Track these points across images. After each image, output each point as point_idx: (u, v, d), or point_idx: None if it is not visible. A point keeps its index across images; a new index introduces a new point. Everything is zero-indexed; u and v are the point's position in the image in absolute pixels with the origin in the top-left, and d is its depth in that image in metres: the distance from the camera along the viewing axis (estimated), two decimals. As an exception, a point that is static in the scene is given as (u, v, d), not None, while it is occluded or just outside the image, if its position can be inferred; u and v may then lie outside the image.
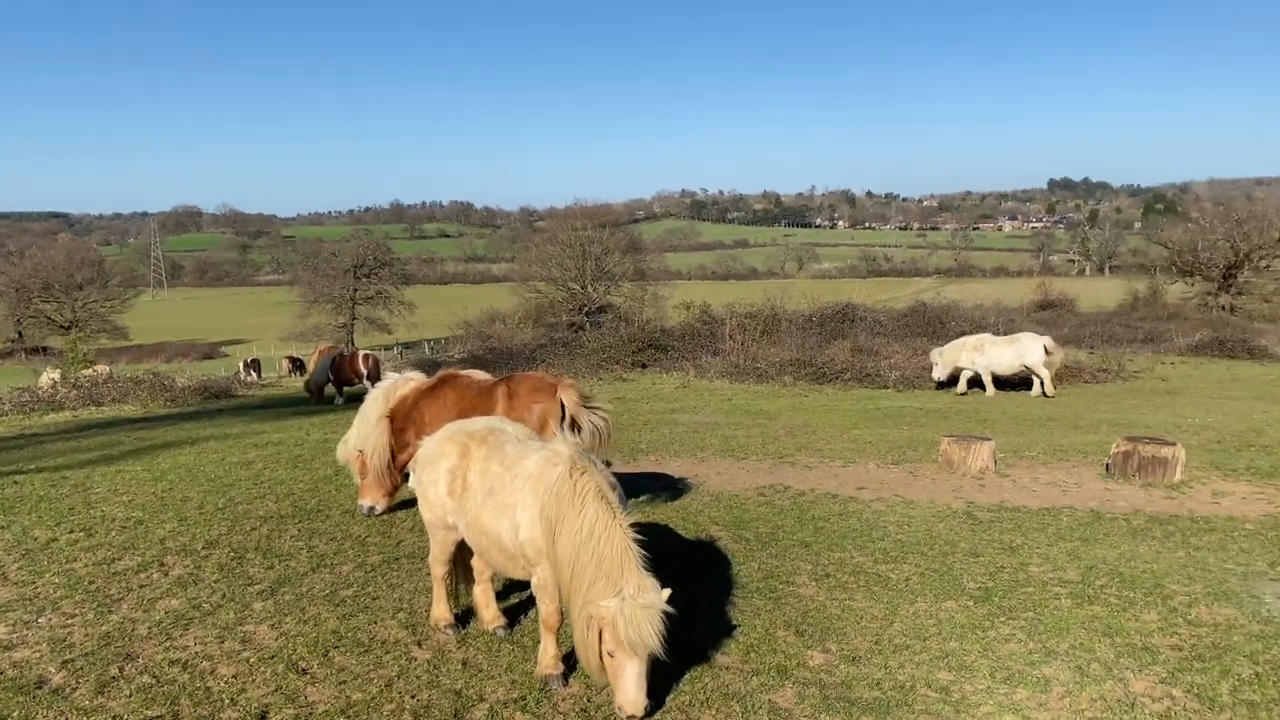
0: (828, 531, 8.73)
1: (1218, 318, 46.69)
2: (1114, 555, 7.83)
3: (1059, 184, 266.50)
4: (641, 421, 16.49)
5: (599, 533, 4.99)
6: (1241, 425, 15.83)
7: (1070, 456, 12.47)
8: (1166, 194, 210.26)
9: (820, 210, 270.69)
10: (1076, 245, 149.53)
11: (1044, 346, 20.41)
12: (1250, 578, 7.19)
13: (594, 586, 4.93)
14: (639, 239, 71.61)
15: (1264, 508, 9.67)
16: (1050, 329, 37.19)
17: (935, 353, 21.70)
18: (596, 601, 4.89)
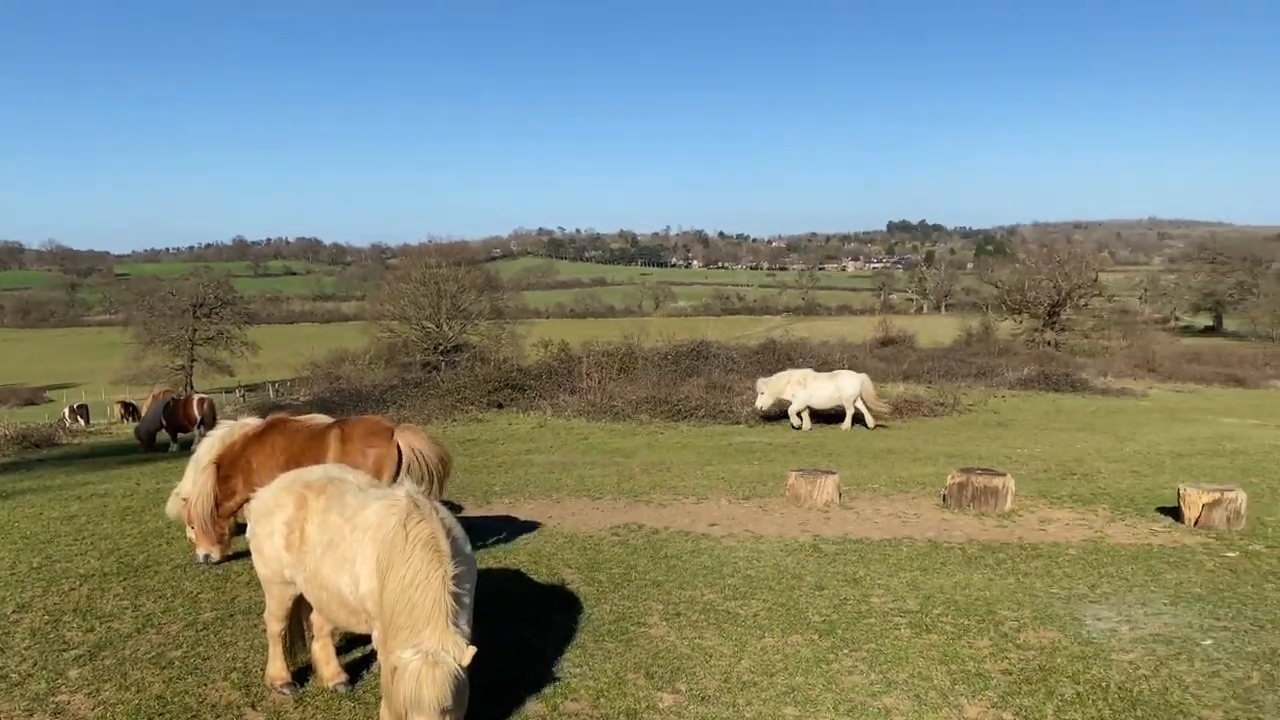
0: (680, 570, 8.77)
1: (1044, 353, 49.81)
2: (950, 584, 8.16)
3: (898, 226, 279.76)
4: (497, 463, 16.28)
5: (419, 582, 4.85)
6: (1066, 455, 16.86)
7: (910, 488, 12.97)
8: (996, 236, 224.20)
9: (675, 250, 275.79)
10: (915, 284, 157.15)
11: (860, 383, 21.59)
12: (1073, 601, 7.61)
13: (399, 636, 4.78)
14: (496, 277, 71.14)
15: (1085, 533, 10.28)
16: (891, 364, 38.91)
17: (761, 383, 22.44)
18: (396, 651, 4.73)
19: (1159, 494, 12.31)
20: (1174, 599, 7.64)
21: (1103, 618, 7.09)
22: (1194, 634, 6.67)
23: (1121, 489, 13.01)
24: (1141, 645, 6.46)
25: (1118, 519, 11.00)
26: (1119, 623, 6.97)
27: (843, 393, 21.43)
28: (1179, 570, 8.63)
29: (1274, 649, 6.33)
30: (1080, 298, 60.58)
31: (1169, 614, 7.19)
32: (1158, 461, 16.21)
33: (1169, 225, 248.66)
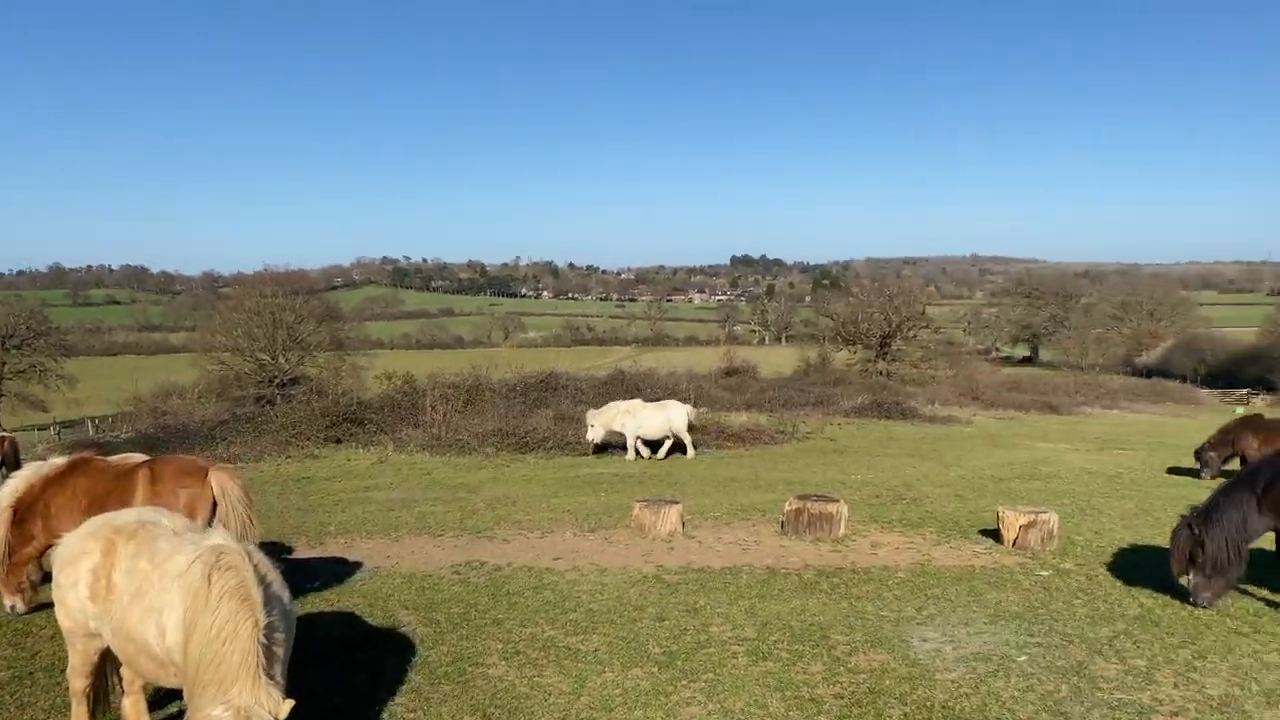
0: (521, 606, 8.63)
1: (876, 382, 51.99)
2: (787, 610, 8.33)
3: (741, 260, 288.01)
4: (332, 501, 15.67)
5: (226, 635, 4.58)
6: (896, 480, 17.58)
7: (751, 516, 13.22)
8: (832, 271, 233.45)
9: (525, 280, 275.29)
10: (757, 316, 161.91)
11: (687, 413, 22.01)
12: (901, 623, 7.88)
13: (206, 693, 4.50)
14: (336, 307, 69.15)
15: (913, 556, 10.71)
16: (735, 394, 39.81)
17: (590, 415, 22.47)
18: (204, 710, 4.45)
19: (981, 516, 12.97)
20: (994, 618, 8.03)
21: (929, 638, 7.38)
22: (1011, 651, 7.01)
23: (947, 512, 13.64)
24: (964, 664, 6.74)
25: (943, 541, 11.52)
26: (943, 643, 7.26)
27: (672, 423, 21.75)
28: (998, 590, 9.08)
29: (1081, 662, 6.72)
30: (909, 330, 63.68)
31: (989, 633, 7.54)
32: (980, 485, 17.12)
33: (989, 262, 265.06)
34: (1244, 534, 8.15)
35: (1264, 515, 8.15)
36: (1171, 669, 6.58)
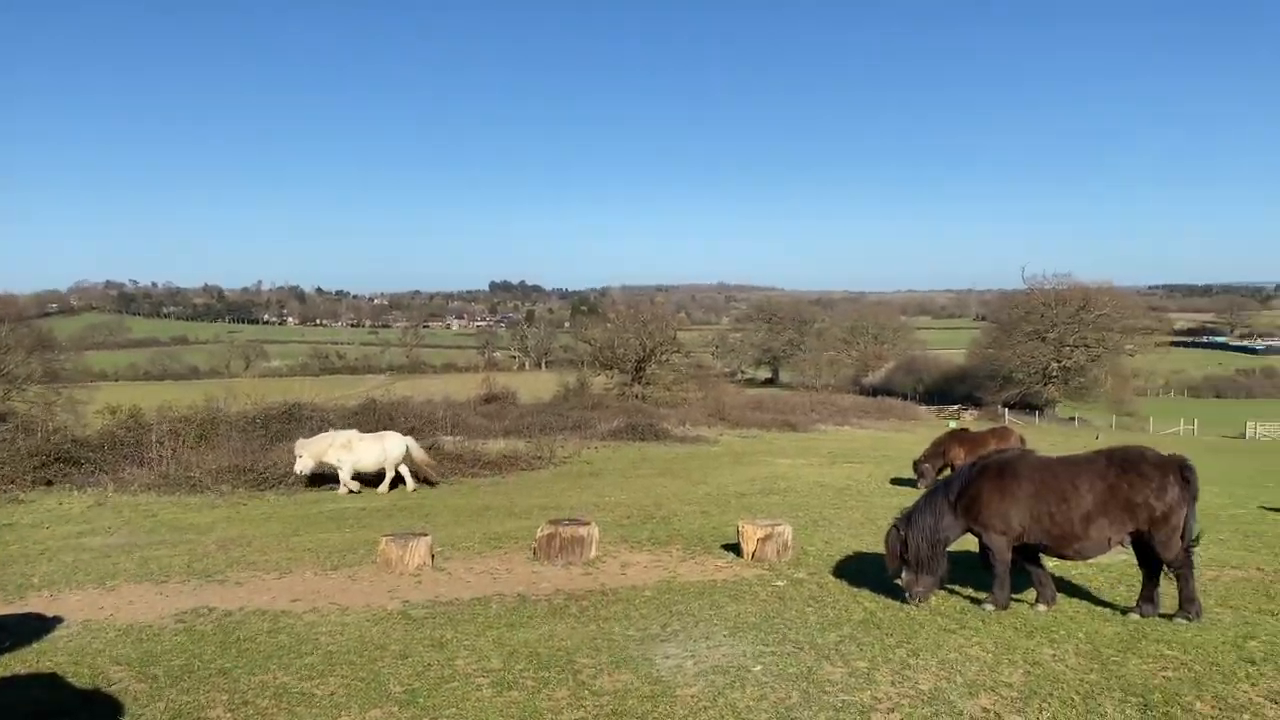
0: (252, 653, 8.07)
1: (632, 405, 53.26)
2: (535, 637, 8.27)
3: (499, 286, 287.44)
4: (38, 551, 14.07)
5: None
6: (647, 500, 18.01)
7: (504, 544, 13.09)
8: (590, 297, 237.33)
9: (269, 306, 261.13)
10: (517, 342, 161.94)
11: (407, 445, 21.42)
12: (646, 641, 8.03)
13: None
14: (50, 335, 62.66)
15: (660, 573, 10.97)
16: (494, 421, 39.48)
17: (299, 445, 21.22)
18: None
19: (724, 531, 13.50)
20: (733, 630, 8.34)
21: (671, 655, 7.55)
22: (747, 662, 7.30)
23: (693, 529, 14.11)
24: (704, 678, 6.94)
25: (689, 558, 11.89)
26: (685, 658, 7.46)
27: (389, 454, 21.05)
28: (738, 602, 9.46)
29: (810, 668, 7.09)
30: (663, 354, 65.76)
31: (728, 645, 7.82)
32: (725, 501, 17.85)
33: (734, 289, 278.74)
34: (939, 535, 8.97)
35: (957, 519, 9.00)
36: (889, 668, 7.08)
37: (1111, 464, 8.61)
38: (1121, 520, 8.47)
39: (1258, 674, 6.78)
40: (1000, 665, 7.10)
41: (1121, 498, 8.42)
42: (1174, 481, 8.41)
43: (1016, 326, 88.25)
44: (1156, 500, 8.33)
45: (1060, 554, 8.92)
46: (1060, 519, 8.55)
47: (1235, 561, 11.88)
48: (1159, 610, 8.65)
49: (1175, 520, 8.37)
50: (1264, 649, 7.45)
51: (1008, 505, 8.71)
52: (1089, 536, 8.55)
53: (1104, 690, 6.46)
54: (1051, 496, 8.60)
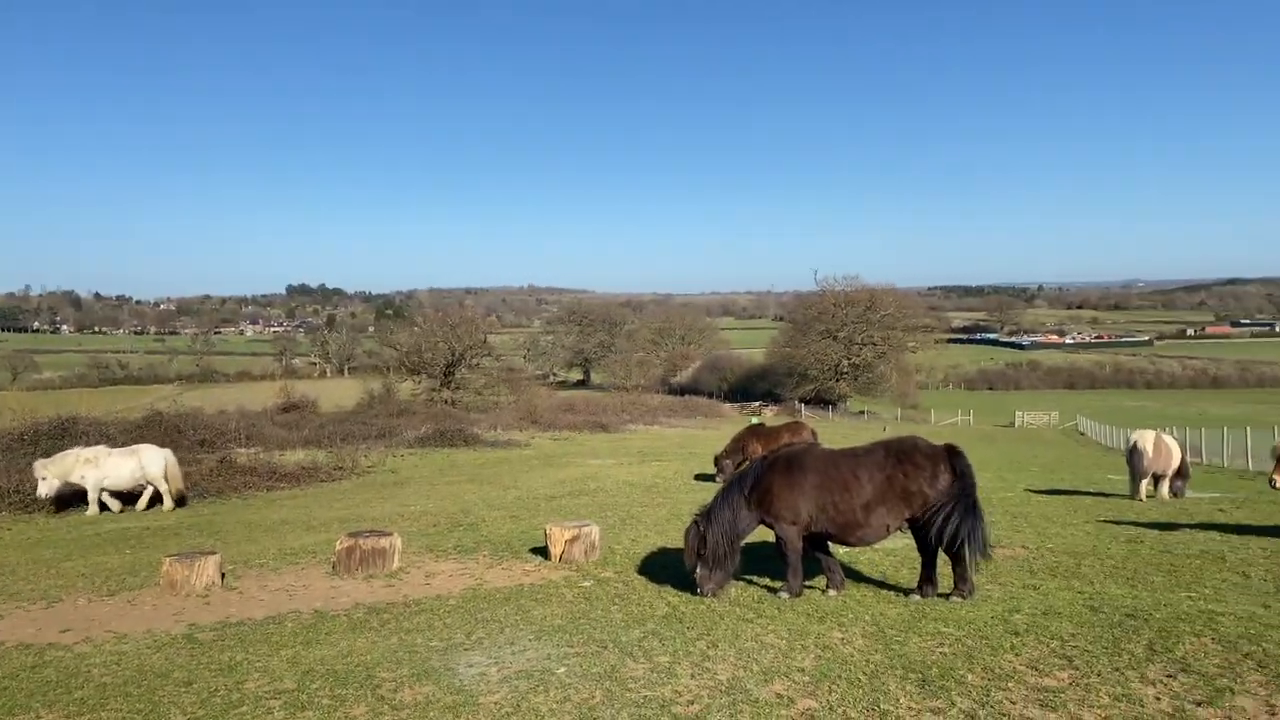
0: (13, 691, 7.36)
1: (441, 410, 52.30)
2: (332, 654, 7.96)
3: (298, 290, 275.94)
4: None
5: None
6: (455, 507, 17.71)
7: (301, 559, 12.54)
8: (395, 300, 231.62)
9: (39, 313, 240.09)
10: (317, 348, 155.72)
11: (165, 460, 20.11)
12: (449, 651, 7.88)
13: None
14: None
15: (466, 581, 10.81)
16: (293, 431, 37.83)
17: (39, 466, 19.39)
18: None
19: (533, 535, 13.45)
20: (539, 633, 8.31)
21: (474, 663, 7.44)
22: (552, 664, 7.29)
23: (501, 534, 13.99)
24: (507, 684, 6.88)
25: (496, 564, 11.78)
26: (489, 665, 7.37)
27: (147, 470, 19.69)
28: (545, 605, 9.44)
29: (614, 666, 7.15)
30: (472, 358, 64.99)
31: (533, 649, 7.79)
32: (534, 505, 17.80)
33: (545, 292, 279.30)
34: (736, 529, 9.30)
35: (752, 512, 9.35)
36: (690, 661, 7.24)
37: (889, 455, 9.16)
38: (899, 508, 9.03)
39: (1020, 644, 7.36)
40: (794, 651, 7.40)
41: (899, 486, 8.98)
42: (945, 469, 9.04)
43: (811, 326, 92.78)
44: (930, 488, 8.93)
45: (844, 541, 9.40)
46: (844, 508, 9.03)
47: (1004, 541, 12.88)
48: (938, 590, 9.27)
49: (948, 506, 8.99)
50: (1027, 621, 8.10)
51: (796, 497, 9.12)
52: (870, 524, 9.06)
53: (888, 669, 6.85)
54: (835, 487, 9.07)
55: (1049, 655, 7.08)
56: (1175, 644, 7.24)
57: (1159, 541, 12.77)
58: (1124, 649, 7.18)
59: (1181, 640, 7.34)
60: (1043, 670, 6.74)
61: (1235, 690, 6.21)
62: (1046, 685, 6.42)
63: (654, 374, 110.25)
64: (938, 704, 6.13)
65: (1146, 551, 11.97)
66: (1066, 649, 7.22)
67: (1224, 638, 7.38)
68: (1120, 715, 5.85)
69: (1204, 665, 6.73)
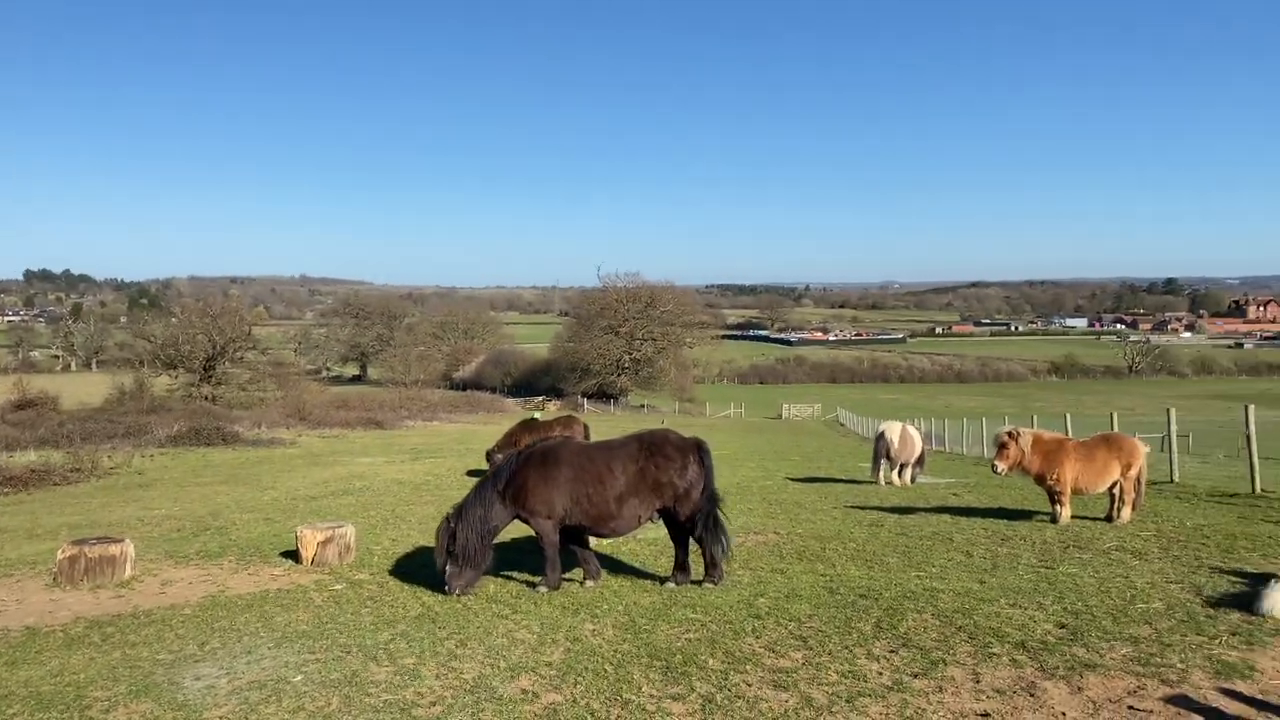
0: None
1: (200, 407, 49.04)
2: (41, 674, 7.21)
3: (38, 275, 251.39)
4: None
5: None
6: (204, 510, 16.59)
7: (16, 571, 11.33)
8: (151, 289, 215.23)
9: None
10: (60, 340, 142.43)
11: None
12: (178, 664, 7.31)
13: None
14: None
15: (207, 589, 10.11)
16: (27, 430, 34.38)
17: None
18: None
19: (286, 538, 12.76)
20: (279, 641, 7.86)
21: (203, 675, 6.94)
22: (289, 673, 6.91)
23: (252, 538, 13.20)
24: (237, 696, 6.45)
25: (242, 569, 11.09)
26: (219, 677, 6.89)
27: None
28: (290, 611, 8.96)
29: (355, 671, 6.87)
30: (236, 351, 61.31)
31: (270, 658, 7.36)
32: (291, 506, 16.95)
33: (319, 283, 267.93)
34: (489, 526, 9.20)
35: (506, 507, 9.28)
36: (436, 661, 7.06)
37: (642, 448, 9.34)
38: (650, 499, 9.22)
39: (761, 627, 7.66)
40: (544, 645, 7.37)
41: (650, 478, 9.16)
42: (694, 461, 9.31)
43: (594, 322, 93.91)
44: (679, 479, 9.18)
45: (598, 533, 9.50)
46: (597, 500, 9.11)
47: (758, 527, 13.45)
48: (690, 578, 9.52)
49: (695, 496, 9.27)
50: (770, 604, 8.45)
51: (551, 490, 9.12)
52: (622, 515, 9.20)
53: (634, 658, 6.94)
54: (589, 479, 9.14)
55: (786, 637, 7.41)
56: (900, 621, 7.76)
57: (897, 525, 13.70)
58: (854, 627, 7.62)
59: (905, 617, 7.88)
60: (779, 652, 7.03)
61: (947, 661, 6.71)
62: (781, 666, 6.70)
63: (435, 369, 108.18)
64: (678, 690, 6.26)
65: (885, 534, 12.80)
66: (803, 630, 7.58)
67: (942, 613, 7.99)
68: (846, 691, 6.17)
69: (923, 639, 7.24)
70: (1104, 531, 12.43)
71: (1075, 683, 6.22)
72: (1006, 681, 6.28)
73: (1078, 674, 6.37)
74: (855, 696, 6.04)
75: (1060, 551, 11.01)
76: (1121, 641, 7.05)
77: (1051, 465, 12.99)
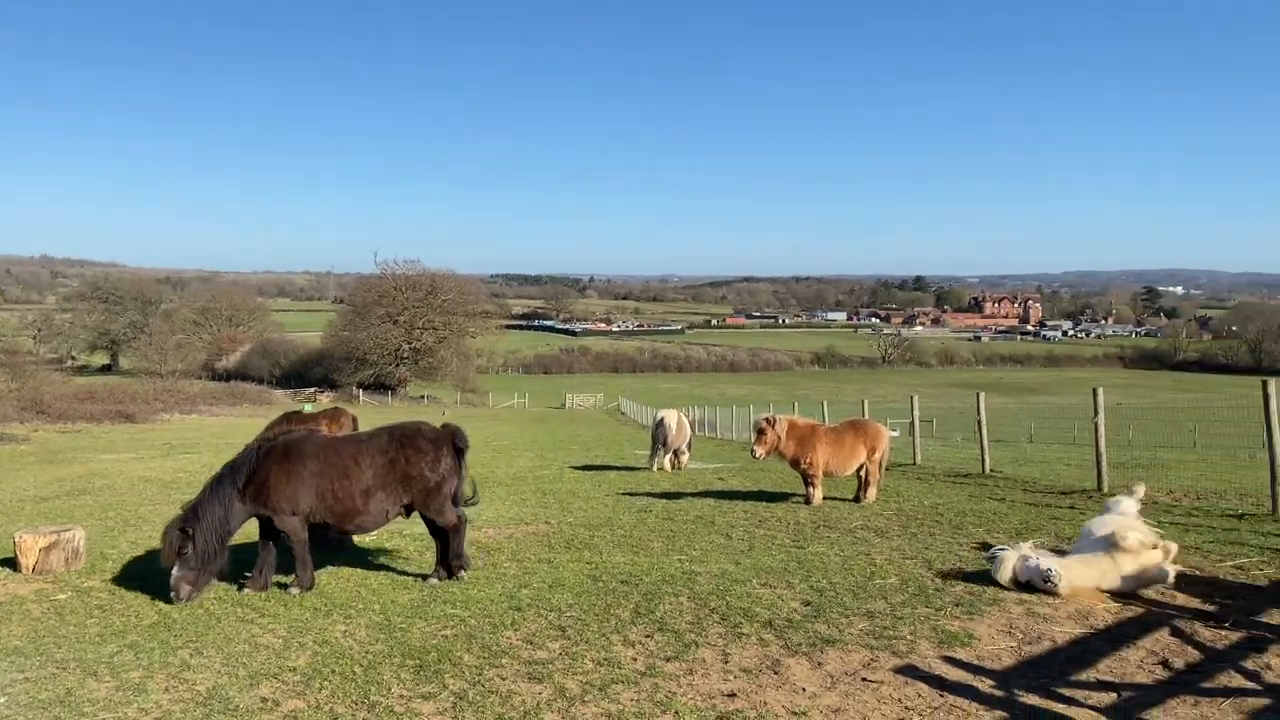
0: None
1: (-89, 401, 43.68)
2: None
3: None
4: None
5: None
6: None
7: None
8: None
9: None
10: None
11: None
12: None
13: None
14: None
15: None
16: None
17: None
18: None
19: (4, 544, 11.51)
20: (-15, 659, 7.05)
21: (-118, 707, 6.11)
22: (-10, 694, 6.20)
23: (-38, 546, 11.80)
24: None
25: (-54, 582, 9.88)
26: (-97, 707, 6.09)
27: None
28: (2, 625, 8.07)
29: (70, 690, 6.24)
30: None
31: (-29, 678, 6.58)
32: (17, 509, 15.38)
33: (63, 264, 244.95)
34: (228, 526, 8.63)
35: (246, 505, 8.72)
36: (166, 673, 6.53)
37: (392, 440, 9.03)
38: (398, 492, 8.93)
39: (521, 619, 7.60)
40: (289, 650, 6.98)
41: (399, 471, 8.87)
42: (447, 453, 9.12)
43: (370, 309, 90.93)
44: (431, 471, 8.94)
45: (343, 529, 9.10)
46: (343, 495, 8.74)
47: (529, 518, 13.41)
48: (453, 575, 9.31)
49: (448, 489, 9.09)
50: (532, 595, 8.41)
51: (295, 486, 8.65)
52: (369, 510, 8.85)
53: (386, 659, 6.69)
54: (335, 474, 8.74)
55: (546, 628, 7.38)
56: (657, 605, 7.92)
57: (665, 510, 14.03)
58: (613, 614, 7.70)
59: (663, 601, 8.05)
60: (537, 643, 6.99)
61: (699, 643, 6.89)
62: (538, 657, 6.66)
63: (195, 359, 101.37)
64: (430, 689, 6.09)
65: (652, 520, 13.07)
66: (563, 620, 7.58)
67: (698, 595, 8.22)
68: (600, 679, 6.20)
69: (677, 623, 7.41)
70: (852, 512, 13.25)
71: (816, 658, 6.55)
72: (753, 660, 6.52)
73: (819, 650, 6.71)
74: (608, 684, 6.08)
75: (811, 531, 11.62)
76: (860, 616, 7.50)
77: (805, 450, 13.70)
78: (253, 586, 8.87)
